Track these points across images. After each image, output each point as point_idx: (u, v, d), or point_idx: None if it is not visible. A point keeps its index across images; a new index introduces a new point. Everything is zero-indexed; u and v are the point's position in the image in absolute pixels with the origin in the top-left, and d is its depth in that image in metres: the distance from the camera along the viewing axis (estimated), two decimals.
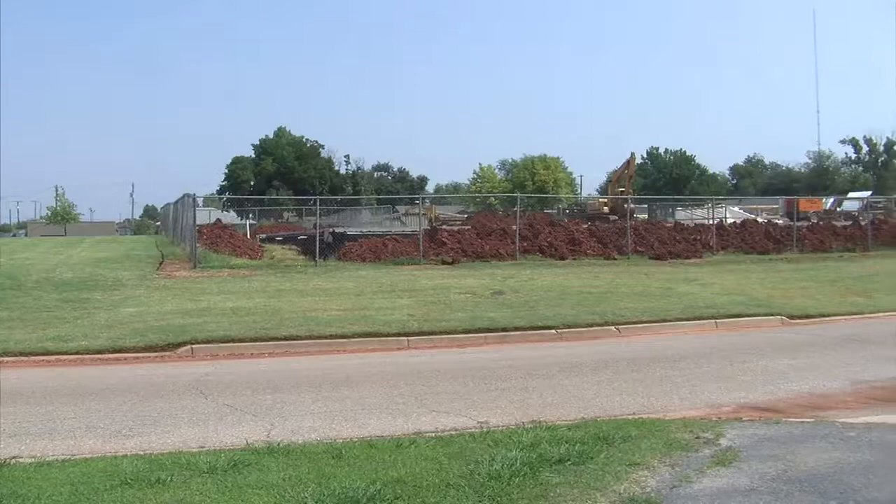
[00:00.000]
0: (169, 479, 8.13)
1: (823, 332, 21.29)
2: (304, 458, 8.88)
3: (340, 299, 24.39)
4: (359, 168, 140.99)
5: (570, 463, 8.23)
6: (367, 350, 18.64)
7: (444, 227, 45.61)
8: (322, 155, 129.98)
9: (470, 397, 13.41)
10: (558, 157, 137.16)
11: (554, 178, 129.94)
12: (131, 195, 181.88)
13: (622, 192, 64.42)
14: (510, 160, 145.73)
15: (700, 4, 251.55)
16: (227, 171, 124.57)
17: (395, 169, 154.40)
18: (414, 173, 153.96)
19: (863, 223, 50.49)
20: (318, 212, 46.62)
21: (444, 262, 34.79)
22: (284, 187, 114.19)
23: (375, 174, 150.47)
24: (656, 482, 7.71)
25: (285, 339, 18.97)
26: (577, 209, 74.90)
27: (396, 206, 78.78)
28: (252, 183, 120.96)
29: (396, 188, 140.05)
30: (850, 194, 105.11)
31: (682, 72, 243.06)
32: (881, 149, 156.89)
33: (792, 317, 23.26)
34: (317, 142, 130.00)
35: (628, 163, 69.26)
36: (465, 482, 7.64)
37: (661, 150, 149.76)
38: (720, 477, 7.90)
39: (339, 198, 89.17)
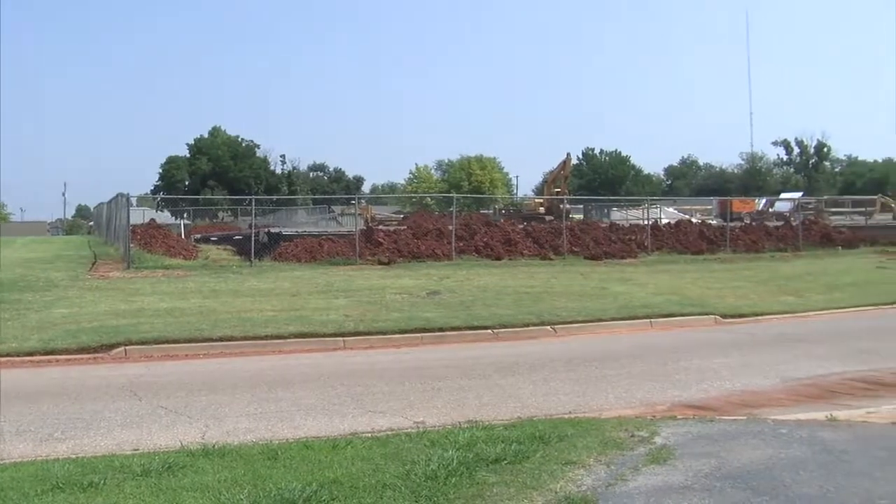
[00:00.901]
0: (102, 482, 8.03)
1: (756, 330, 21.56)
2: (239, 460, 8.83)
3: (276, 300, 24.28)
4: (294, 168, 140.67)
5: (506, 462, 8.23)
6: (303, 350, 18.59)
7: (380, 227, 45.48)
8: (258, 155, 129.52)
9: (406, 397, 13.42)
10: (494, 158, 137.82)
11: (490, 179, 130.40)
12: (63, 195, 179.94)
13: (558, 192, 64.57)
14: (446, 160, 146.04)
15: (635, 6, 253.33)
16: (161, 170, 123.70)
17: (331, 169, 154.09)
18: (350, 173, 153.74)
19: (794, 224, 51.18)
20: (253, 212, 46.21)
21: (380, 263, 34.73)
22: (219, 187, 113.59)
23: (311, 174, 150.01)
24: (592, 481, 7.74)
25: (220, 339, 18.86)
26: (513, 209, 74.96)
27: (332, 207, 78.33)
28: (187, 183, 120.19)
29: (332, 188, 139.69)
30: (782, 195, 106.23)
31: (617, 73, 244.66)
32: (812, 150, 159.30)
33: (725, 316, 23.54)
34: (252, 141, 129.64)
35: (564, 163, 69.47)
36: (402, 482, 7.62)
37: (597, 151, 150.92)
38: (655, 475, 7.94)
39: (274, 198, 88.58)
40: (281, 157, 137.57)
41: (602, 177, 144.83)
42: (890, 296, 28.04)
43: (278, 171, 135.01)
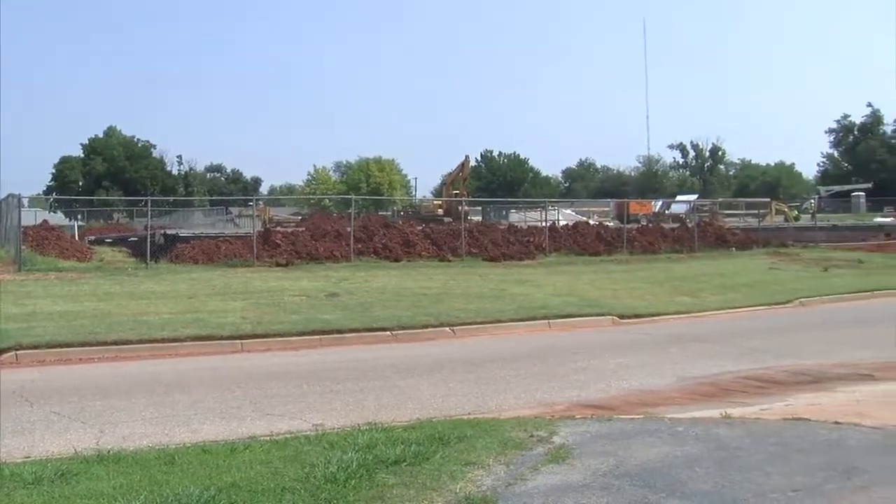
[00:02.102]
0: None
1: (653, 331, 21.85)
2: (135, 466, 8.68)
3: (172, 302, 23.96)
4: (191, 169, 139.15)
5: (406, 464, 8.23)
6: (200, 353, 18.38)
7: (278, 228, 45.14)
8: (154, 155, 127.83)
9: (305, 400, 13.34)
10: (393, 159, 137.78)
11: (389, 180, 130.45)
12: None
13: (457, 194, 64.78)
14: (345, 162, 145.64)
15: (534, 8, 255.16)
16: (54, 171, 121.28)
17: (229, 170, 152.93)
18: (248, 174, 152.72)
19: (690, 225, 51.88)
20: (149, 213, 45.47)
21: (278, 264, 34.47)
22: (115, 188, 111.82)
23: (208, 175, 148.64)
24: (492, 481, 7.77)
25: (115, 343, 18.51)
26: (411, 211, 74.97)
27: (230, 208, 77.77)
28: (81, 183, 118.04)
29: (230, 189, 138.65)
30: (678, 197, 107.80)
31: (516, 76, 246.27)
32: (707, 154, 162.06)
33: (623, 316, 23.80)
34: (148, 142, 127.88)
35: (462, 165, 69.70)
36: (301, 485, 7.57)
37: (496, 153, 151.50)
38: (554, 474, 8.00)
39: (171, 199, 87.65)
40: (177, 157, 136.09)
41: (500, 179, 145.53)
42: (782, 296, 28.64)
43: (175, 171, 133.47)
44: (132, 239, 44.68)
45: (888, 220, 78.50)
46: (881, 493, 7.38)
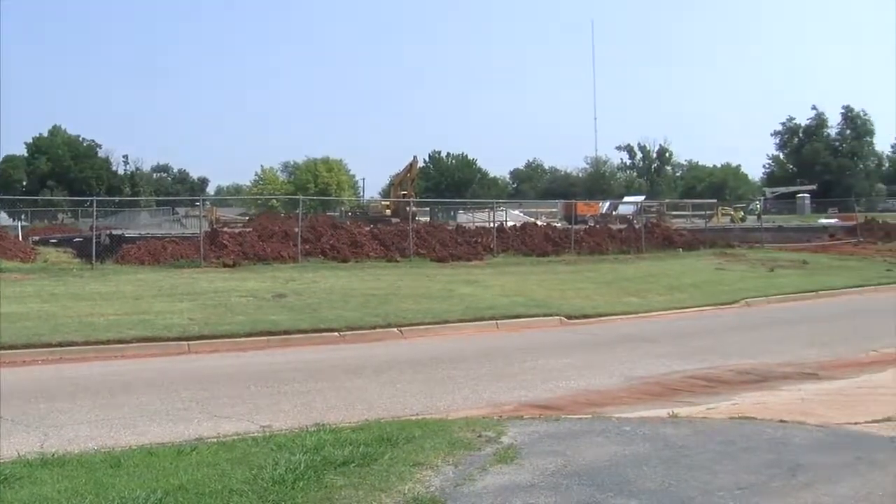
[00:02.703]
0: None
1: (600, 331, 21.96)
2: (80, 469, 8.58)
3: (118, 303, 23.72)
4: (137, 169, 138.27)
5: (354, 465, 8.20)
6: (146, 355, 18.22)
7: (225, 229, 44.85)
8: (99, 155, 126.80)
9: (253, 401, 13.28)
10: (341, 160, 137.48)
11: (337, 181, 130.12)
12: None
13: (404, 194, 64.72)
14: (293, 162, 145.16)
15: (484, 10, 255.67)
16: None
17: (175, 170, 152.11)
18: (194, 175, 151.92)
19: (637, 226, 52.07)
20: (95, 213, 45.11)
21: (225, 265, 34.22)
22: (59, 188, 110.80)
23: (155, 175, 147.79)
24: (440, 481, 7.77)
25: (60, 345, 18.30)
26: (359, 212, 74.78)
27: (176, 208, 77.36)
28: (24, 183, 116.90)
29: (176, 189, 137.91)
30: (626, 198, 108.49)
31: (465, 77, 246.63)
32: (654, 155, 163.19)
33: (570, 317, 23.88)
34: (94, 141, 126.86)
35: (410, 166, 69.66)
36: (249, 488, 7.53)
37: (444, 154, 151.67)
38: (502, 474, 8.02)
39: (117, 199, 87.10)
40: (123, 157, 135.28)
41: (449, 179, 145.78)
42: (728, 296, 28.87)
43: (121, 171, 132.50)
44: (77, 239, 44.23)
45: (832, 221, 79.31)
46: (825, 489, 7.47)
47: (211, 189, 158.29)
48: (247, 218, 64.86)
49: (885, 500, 7.22)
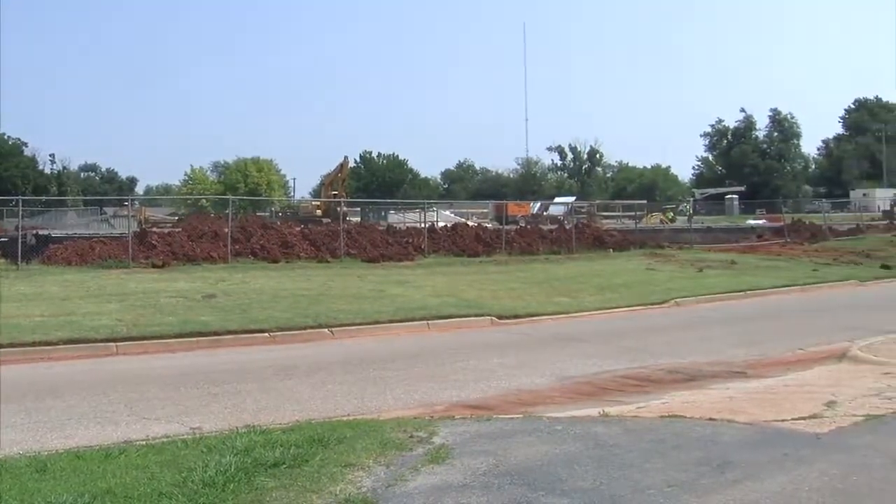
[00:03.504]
0: None
1: (531, 331, 22.02)
2: (4, 474, 8.43)
3: (44, 304, 23.37)
4: (65, 168, 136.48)
5: (285, 466, 8.17)
6: (73, 357, 17.95)
7: (154, 229, 44.42)
8: (25, 153, 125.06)
9: (182, 403, 13.17)
10: (272, 160, 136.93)
11: (267, 181, 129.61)
12: None
13: (335, 195, 64.55)
14: (223, 162, 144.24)
15: (419, 8, 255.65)
16: None
17: (104, 169, 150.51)
18: (123, 174, 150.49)
19: (567, 227, 52.22)
20: (20, 213, 44.42)
21: (154, 266, 33.87)
22: None
23: (82, 174, 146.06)
24: (372, 482, 7.76)
25: None
26: (290, 212, 74.50)
27: (104, 208, 76.41)
28: None
29: (104, 189, 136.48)
30: (556, 199, 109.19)
31: (395, 77, 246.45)
32: (585, 157, 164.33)
33: (501, 317, 23.92)
34: (19, 139, 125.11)
35: (341, 166, 69.51)
36: (178, 490, 7.45)
37: (375, 154, 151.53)
38: (434, 474, 8.02)
39: (43, 198, 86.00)
40: (50, 156, 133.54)
41: (380, 180, 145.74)
42: (658, 296, 29.07)
43: (47, 171, 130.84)
44: (2, 240, 43.45)
45: (760, 222, 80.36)
46: (753, 486, 7.57)
47: (140, 189, 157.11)
48: (176, 218, 64.37)
49: (812, 495, 7.31)
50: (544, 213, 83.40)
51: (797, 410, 11.12)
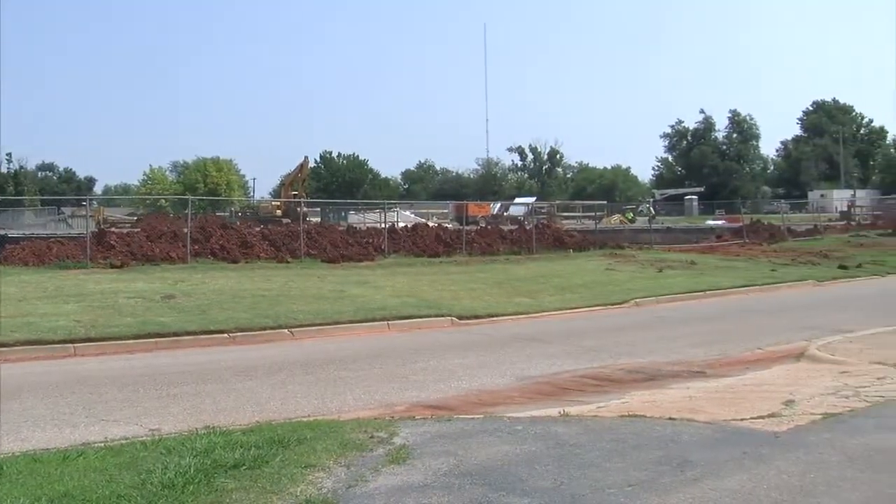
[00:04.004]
0: None
1: (492, 331, 22.04)
2: None
3: (1, 305, 23.14)
4: (21, 167, 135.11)
5: (245, 468, 8.13)
6: (30, 358, 17.80)
7: (112, 229, 44.18)
8: None
9: (141, 404, 13.08)
10: (231, 160, 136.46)
11: (227, 181, 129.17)
12: None
13: (295, 195, 64.53)
14: (182, 162, 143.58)
15: (379, 8, 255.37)
16: None
17: (61, 169, 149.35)
18: (81, 174, 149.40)
19: (528, 227, 52.30)
20: None
21: (112, 266, 33.62)
22: None
23: (39, 174, 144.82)
24: (332, 483, 7.74)
25: None
26: (249, 212, 74.28)
27: (62, 208, 75.84)
28: None
29: (62, 189, 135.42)
30: (517, 200, 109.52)
31: (356, 77, 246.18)
32: (545, 157, 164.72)
33: (462, 317, 23.93)
34: None
35: (301, 166, 69.49)
36: (137, 493, 7.41)
37: (335, 154, 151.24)
38: (395, 475, 8.02)
39: None
40: (7, 155, 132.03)
41: (340, 180, 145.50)
42: (618, 296, 29.18)
43: (3, 170, 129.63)
44: None
45: (719, 222, 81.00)
46: (712, 484, 7.62)
47: (98, 189, 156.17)
48: (135, 218, 63.94)
49: (770, 493, 7.37)
50: (504, 214, 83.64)
51: (756, 409, 11.20)
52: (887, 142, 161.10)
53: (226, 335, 20.44)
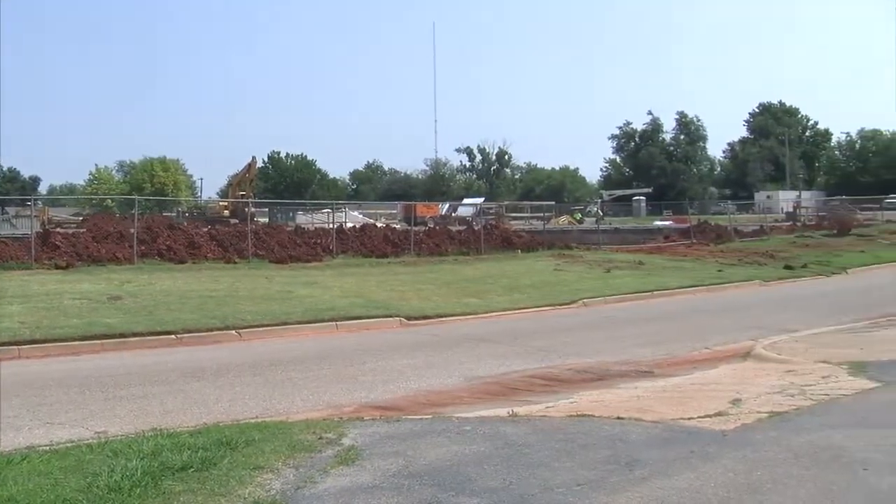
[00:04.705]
0: None
1: (440, 332, 22.05)
2: None
3: None
4: None
5: (193, 470, 8.08)
6: None
7: (58, 229, 43.78)
8: None
9: (87, 407, 12.96)
10: (178, 160, 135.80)
11: (174, 181, 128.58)
12: None
13: (243, 195, 64.26)
14: (129, 161, 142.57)
15: (324, 7, 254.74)
16: None
17: (5, 168, 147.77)
18: (25, 173, 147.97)
19: (476, 228, 52.40)
20: None
21: (57, 267, 33.29)
22: None
23: None
24: (281, 484, 7.72)
25: None
26: (197, 212, 73.96)
27: (6, 208, 75.04)
28: None
29: (6, 189, 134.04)
30: (465, 200, 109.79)
31: (302, 78, 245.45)
32: (493, 158, 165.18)
33: (410, 318, 23.93)
34: None
35: (249, 166, 69.16)
36: (83, 496, 7.33)
37: (283, 154, 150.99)
38: (344, 476, 8.01)
39: None
40: None
41: (288, 180, 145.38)
42: (566, 296, 29.28)
43: None
44: None
45: (667, 223, 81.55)
46: (660, 483, 7.68)
47: (43, 188, 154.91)
48: (80, 218, 63.35)
49: (718, 490, 7.43)
50: (453, 215, 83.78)
51: (703, 408, 11.29)
52: (832, 144, 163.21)
53: (173, 336, 20.30)
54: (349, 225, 52.45)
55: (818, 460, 8.39)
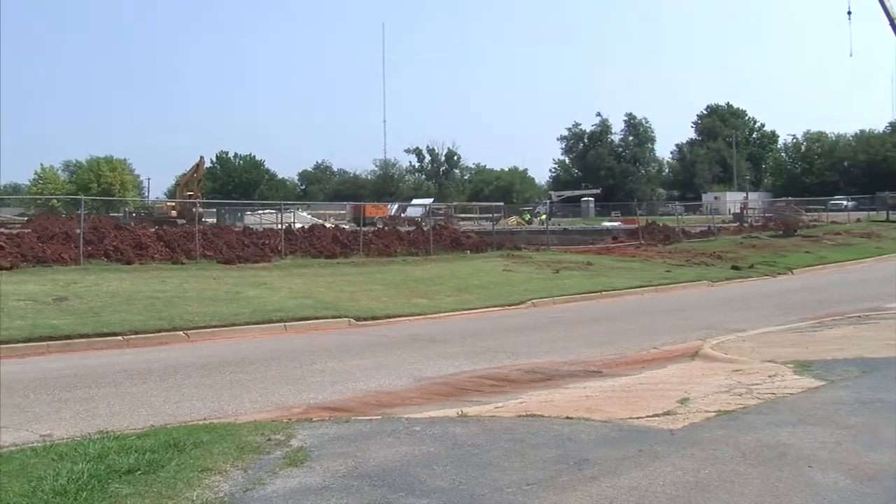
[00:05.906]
0: None
1: (389, 332, 22.05)
2: None
3: None
4: None
5: (140, 473, 8.01)
6: None
7: (1, 229, 43.33)
8: None
9: (31, 410, 12.80)
10: (125, 160, 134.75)
11: (121, 181, 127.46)
12: None
13: (191, 195, 63.90)
14: (75, 161, 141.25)
15: (274, 7, 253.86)
16: None
17: None
18: None
19: (425, 229, 52.45)
20: None
21: (1, 268, 32.93)
22: None
23: None
24: (229, 486, 7.68)
25: None
26: (144, 213, 73.45)
27: None
28: None
29: None
30: (414, 201, 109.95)
31: (252, 77, 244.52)
32: (442, 159, 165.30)
33: (359, 318, 23.95)
34: None
35: (197, 166, 68.85)
36: (27, 501, 7.25)
37: (231, 155, 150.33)
38: (293, 477, 7.97)
39: None
40: None
41: (236, 180, 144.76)
42: (515, 297, 29.40)
43: None
44: None
45: (615, 224, 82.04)
46: (610, 482, 7.68)
47: None
48: (25, 218, 62.76)
49: (666, 489, 7.46)
50: (402, 215, 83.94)
51: (651, 408, 11.33)
52: (778, 146, 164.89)
53: (120, 338, 20.17)
54: (298, 226, 52.34)
55: (764, 458, 8.45)
